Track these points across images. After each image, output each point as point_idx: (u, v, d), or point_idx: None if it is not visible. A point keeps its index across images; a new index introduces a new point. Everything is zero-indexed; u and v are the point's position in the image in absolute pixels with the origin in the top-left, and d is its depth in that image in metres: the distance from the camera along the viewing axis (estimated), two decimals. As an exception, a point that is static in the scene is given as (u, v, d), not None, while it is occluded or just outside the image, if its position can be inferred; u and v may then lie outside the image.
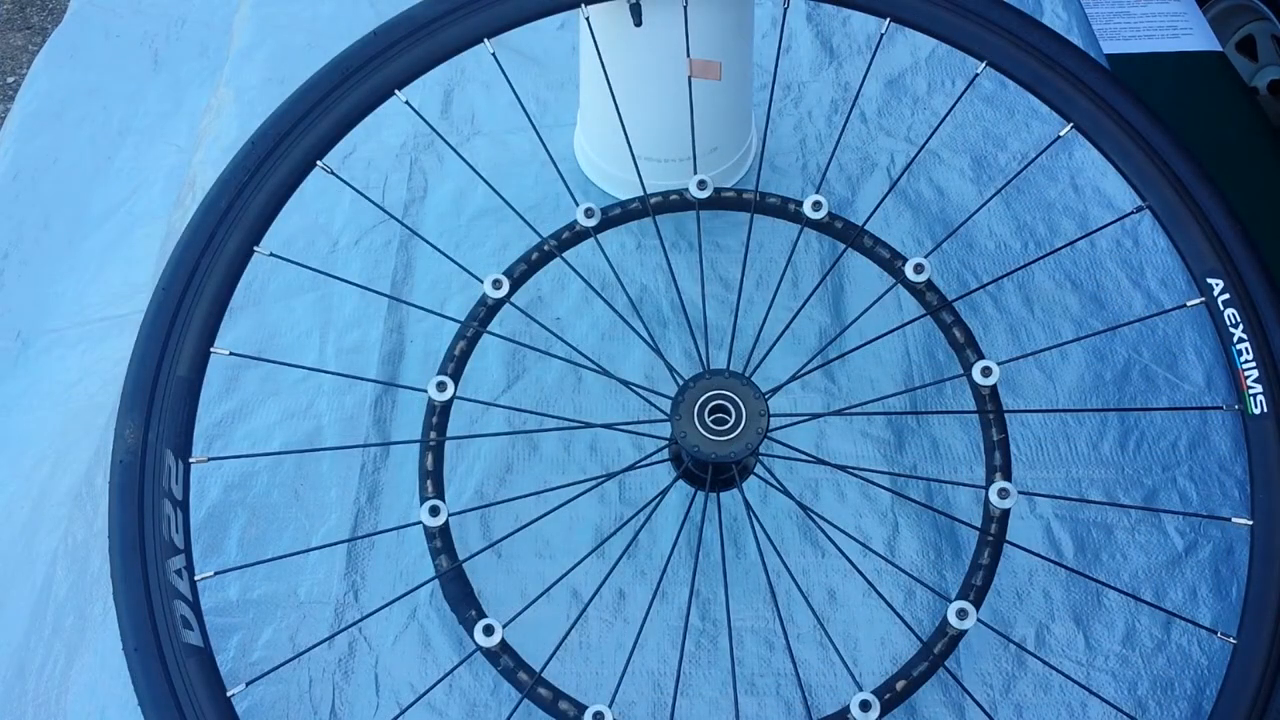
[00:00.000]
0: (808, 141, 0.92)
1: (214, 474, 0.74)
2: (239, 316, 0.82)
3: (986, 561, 0.61)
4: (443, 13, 0.67)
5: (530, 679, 0.58)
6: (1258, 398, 0.61)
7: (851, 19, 1.01)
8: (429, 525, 0.61)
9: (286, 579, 0.70)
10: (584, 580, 0.69)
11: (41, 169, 1.01)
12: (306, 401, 0.78)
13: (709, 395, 0.59)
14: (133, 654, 0.56)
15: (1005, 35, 0.67)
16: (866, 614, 0.69)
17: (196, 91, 1.05)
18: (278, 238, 0.77)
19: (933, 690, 0.66)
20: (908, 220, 0.87)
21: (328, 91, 0.65)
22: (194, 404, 0.61)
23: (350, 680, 0.67)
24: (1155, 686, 0.67)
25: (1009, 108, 0.95)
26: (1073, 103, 0.66)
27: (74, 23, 1.12)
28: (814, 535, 0.72)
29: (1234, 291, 0.62)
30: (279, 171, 0.64)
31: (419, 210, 0.88)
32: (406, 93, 0.66)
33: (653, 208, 0.68)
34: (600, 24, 0.72)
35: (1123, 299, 0.83)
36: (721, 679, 0.67)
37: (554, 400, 0.78)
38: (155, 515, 0.58)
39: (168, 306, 0.62)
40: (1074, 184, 0.90)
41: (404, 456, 0.75)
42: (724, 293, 0.83)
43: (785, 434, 0.68)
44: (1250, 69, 1.42)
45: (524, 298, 0.79)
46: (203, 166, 0.91)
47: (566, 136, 0.92)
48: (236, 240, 0.63)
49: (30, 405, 0.86)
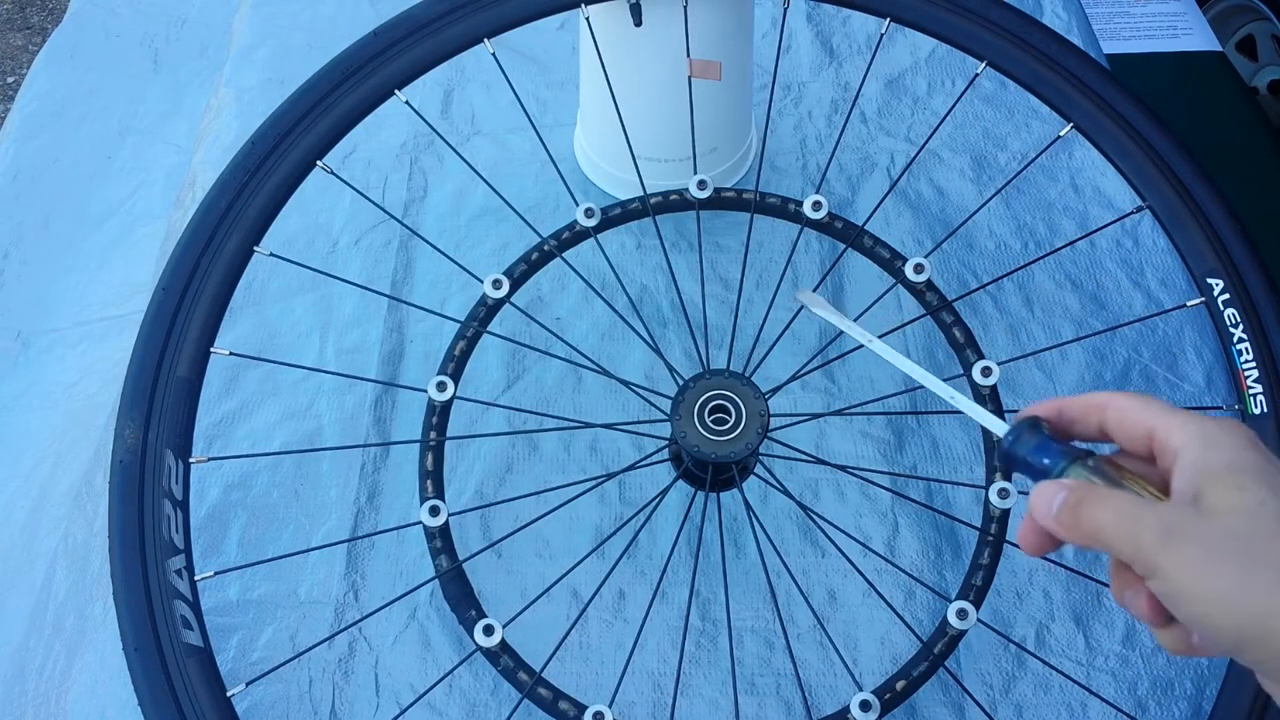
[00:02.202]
0: (808, 141, 0.92)
1: (214, 474, 0.74)
2: (239, 316, 0.82)
3: (986, 561, 0.61)
4: (443, 13, 0.67)
5: (530, 679, 0.58)
6: (1258, 398, 0.61)
7: (851, 19, 1.01)
8: (429, 525, 0.61)
9: (286, 579, 0.70)
10: (584, 580, 0.69)
11: (41, 169, 1.01)
12: (306, 401, 0.78)
13: (709, 395, 0.59)
14: (133, 654, 0.56)
15: (1005, 35, 0.67)
16: (866, 614, 0.69)
17: (196, 91, 1.05)
18: (278, 238, 0.77)
19: (933, 690, 0.66)
20: (908, 220, 0.87)
21: (328, 91, 0.65)
22: (194, 404, 0.61)
23: (350, 680, 0.67)
24: (1155, 686, 0.67)
25: (1009, 108, 0.95)
26: (1073, 103, 0.66)
27: (74, 23, 1.12)
28: (814, 535, 0.72)
29: (1234, 291, 0.62)
30: (279, 171, 0.64)
31: (419, 210, 0.88)
32: (406, 93, 0.66)
33: (653, 208, 0.68)
34: (600, 24, 0.72)
35: (1123, 299, 0.83)
36: (721, 679, 0.67)
37: (554, 400, 0.78)
38: (155, 515, 0.58)
39: (168, 306, 0.62)
40: (1074, 184, 0.90)
41: (404, 456, 0.75)
42: (724, 293, 0.83)
43: (785, 434, 0.68)
44: (1250, 69, 1.42)
45: (524, 298, 0.79)
46: (203, 166, 0.91)
47: (566, 136, 0.92)
48: (236, 240, 0.63)
49: (30, 405, 0.86)
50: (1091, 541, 0.38)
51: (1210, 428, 0.38)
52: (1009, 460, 0.43)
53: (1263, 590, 0.34)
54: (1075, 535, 0.39)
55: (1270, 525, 0.35)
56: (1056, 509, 0.39)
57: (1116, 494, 0.39)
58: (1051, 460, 0.41)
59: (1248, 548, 0.35)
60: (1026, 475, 0.43)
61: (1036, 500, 0.40)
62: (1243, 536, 0.35)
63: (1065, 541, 0.40)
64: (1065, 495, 0.39)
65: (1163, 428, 0.39)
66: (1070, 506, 0.39)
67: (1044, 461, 0.41)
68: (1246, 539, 0.35)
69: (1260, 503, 0.35)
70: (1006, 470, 0.42)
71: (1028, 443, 0.42)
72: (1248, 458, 0.37)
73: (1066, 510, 0.39)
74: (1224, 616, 0.35)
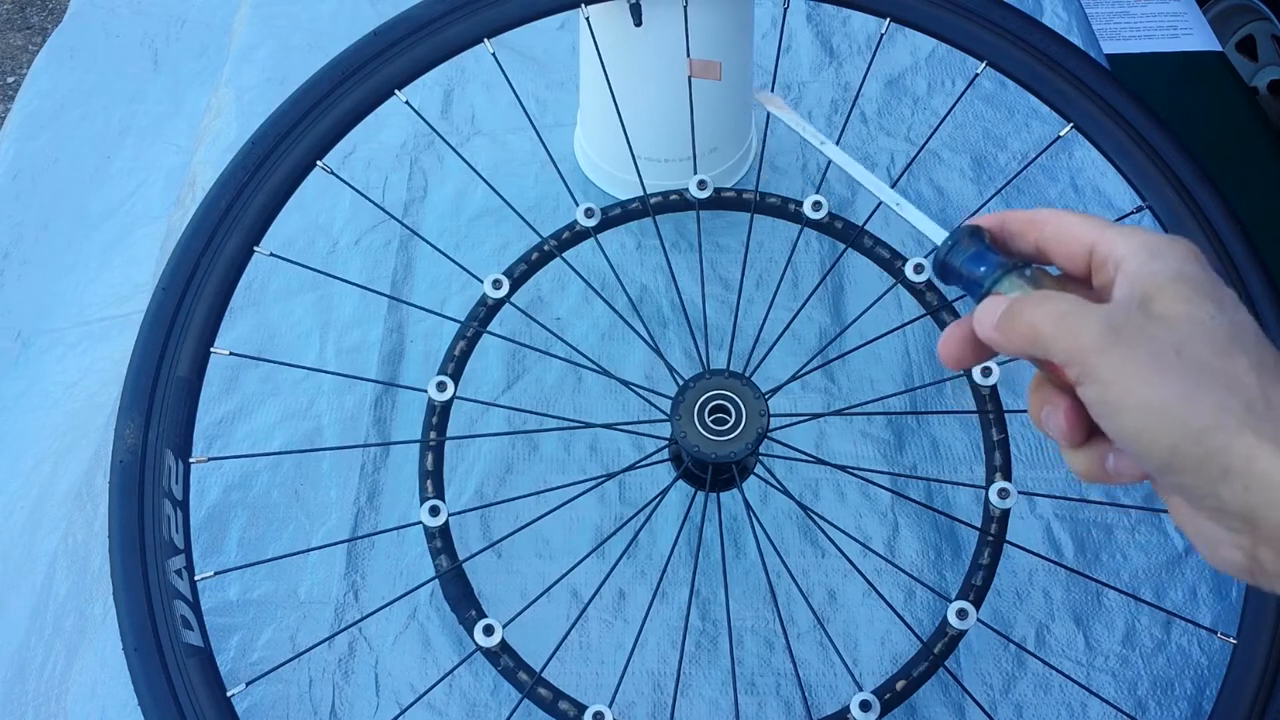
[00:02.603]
0: (808, 141, 0.92)
1: (214, 474, 0.74)
2: (239, 316, 0.82)
3: (986, 561, 0.61)
4: (443, 13, 0.66)
5: (530, 679, 0.58)
6: (1258, 398, 0.61)
7: (851, 19, 1.01)
8: (429, 525, 0.61)
9: (286, 579, 0.70)
10: (584, 580, 0.69)
11: (41, 169, 1.01)
12: (306, 401, 0.78)
13: (709, 395, 0.59)
14: (133, 654, 0.56)
15: (1005, 35, 0.67)
16: (866, 614, 0.69)
17: (196, 91, 1.05)
18: (278, 238, 0.77)
19: (933, 690, 0.66)
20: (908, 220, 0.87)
21: (328, 91, 0.65)
22: (194, 404, 0.61)
23: (350, 680, 0.67)
24: (1155, 686, 0.67)
25: (1009, 108, 0.95)
26: (1073, 103, 0.66)
27: (74, 23, 1.12)
28: (814, 535, 0.72)
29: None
30: (279, 171, 0.64)
31: (419, 210, 0.88)
32: (406, 93, 0.66)
33: (653, 208, 0.68)
34: (600, 24, 0.72)
35: (1123, 299, 0.83)
36: (721, 679, 0.67)
37: (554, 400, 0.78)
38: (155, 515, 0.58)
39: (168, 306, 0.62)
40: (1074, 184, 0.90)
41: (404, 456, 0.75)
42: (724, 293, 0.83)
43: (785, 434, 0.68)
44: (1250, 69, 1.42)
45: (524, 298, 0.79)
46: (203, 166, 0.91)
47: (566, 136, 0.92)
48: (236, 240, 0.63)
49: (30, 405, 0.86)
50: (1028, 343, 0.36)
51: (1154, 239, 0.36)
52: (944, 268, 0.41)
53: (1209, 405, 0.32)
54: (1011, 336, 0.37)
55: (1220, 340, 0.33)
56: (998, 317, 0.38)
57: (1058, 294, 0.37)
58: (987, 268, 0.39)
59: (1196, 359, 0.33)
60: (960, 286, 0.41)
61: (980, 314, 0.39)
62: (1192, 347, 0.33)
63: (999, 349, 0.38)
64: (1009, 304, 0.38)
65: (1104, 240, 0.37)
66: (1010, 309, 0.37)
67: (979, 269, 0.40)
68: (1195, 350, 0.33)
69: (1210, 316, 0.34)
70: (943, 278, 0.41)
71: (964, 250, 0.40)
72: (1194, 269, 0.35)
73: (1006, 314, 0.37)
74: (1161, 430, 0.33)
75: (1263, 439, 0.32)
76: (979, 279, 0.39)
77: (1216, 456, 0.32)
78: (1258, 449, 0.32)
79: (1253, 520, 0.32)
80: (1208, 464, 0.32)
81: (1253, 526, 0.33)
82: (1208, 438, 0.32)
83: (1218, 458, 0.32)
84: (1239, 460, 0.32)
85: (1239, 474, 0.32)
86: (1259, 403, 0.32)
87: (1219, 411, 0.32)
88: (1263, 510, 0.32)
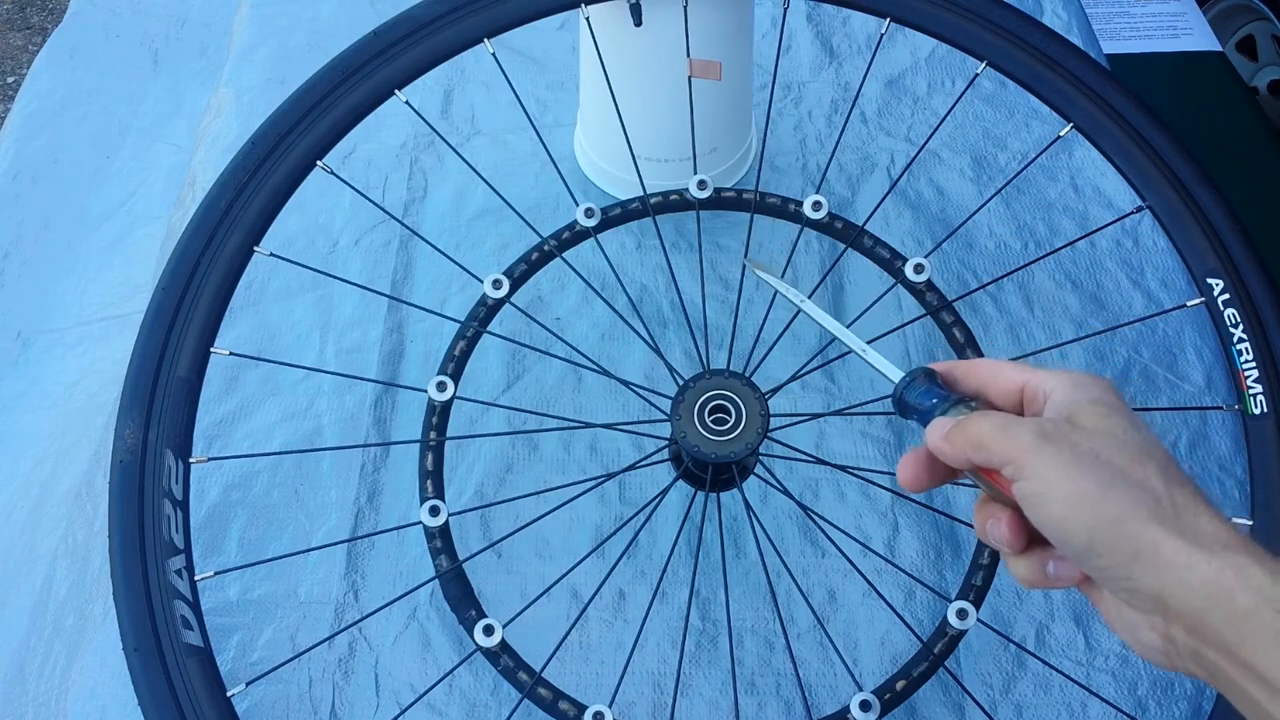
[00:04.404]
0: (808, 141, 0.92)
1: (214, 474, 0.74)
2: (239, 316, 0.82)
3: (986, 561, 0.61)
4: (443, 13, 0.66)
5: (530, 679, 0.58)
6: (1258, 398, 0.61)
7: (851, 19, 1.01)
8: (429, 525, 0.61)
9: (286, 579, 0.70)
10: (584, 580, 0.69)
11: (41, 169, 1.01)
12: (306, 401, 0.78)
13: (709, 395, 0.59)
14: (133, 654, 0.56)
15: (1005, 35, 0.67)
16: (866, 614, 0.69)
17: (196, 91, 1.05)
18: (278, 238, 0.77)
19: (933, 690, 0.66)
20: (908, 220, 0.87)
21: (328, 91, 0.65)
22: (194, 404, 0.61)
23: (350, 680, 0.67)
24: (1155, 686, 0.67)
25: (1009, 108, 0.95)
26: (1073, 103, 0.66)
27: (74, 23, 1.12)
28: (814, 535, 0.72)
29: (1234, 291, 0.62)
30: (279, 171, 0.64)
31: (419, 210, 0.88)
32: (406, 93, 0.66)
33: (653, 208, 0.68)
34: (600, 24, 0.72)
35: (1123, 299, 0.83)
36: (721, 679, 0.67)
37: (554, 400, 0.78)
38: (155, 515, 0.58)
39: (168, 306, 0.62)
40: (1074, 184, 0.90)
41: (404, 456, 0.75)
42: (724, 293, 0.83)
43: (785, 434, 0.68)
44: (1250, 69, 1.42)
45: (524, 298, 0.79)
46: (203, 166, 0.91)
47: (566, 136, 0.92)
48: (236, 240, 0.63)
49: (30, 405, 0.86)
50: (973, 449, 0.42)
51: (1077, 375, 0.43)
52: (901, 403, 0.48)
53: (1122, 499, 0.38)
54: (958, 444, 0.43)
55: (1132, 450, 0.39)
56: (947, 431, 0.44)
57: (997, 412, 0.44)
58: (938, 400, 0.46)
59: (1111, 462, 0.39)
60: (916, 418, 0.47)
61: (931, 431, 0.45)
62: (1107, 453, 0.39)
63: (946, 459, 0.44)
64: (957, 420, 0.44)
65: (1034, 378, 0.44)
66: (958, 424, 0.44)
67: (931, 402, 0.46)
68: (1111, 456, 0.39)
69: (1124, 430, 0.40)
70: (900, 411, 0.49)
71: (918, 387, 0.47)
72: (1111, 398, 0.42)
73: (954, 428, 0.43)
74: (1081, 517, 0.38)
75: (1168, 531, 0.37)
76: (930, 409, 0.46)
77: (1129, 542, 0.38)
78: (1163, 538, 0.37)
79: (1163, 600, 0.38)
80: (1121, 547, 0.38)
81: (1164, 606, 0.38)
82: (1121, 525, 0.38)
83: (1130, 543, 0.38)
84: (1148, 546, 0.37)
85: (1148, 558, 0.37)
86: (1165, 501, 0.38)
87: (1131, 504, 0.38)
88: (1171, 589, 0.37)
